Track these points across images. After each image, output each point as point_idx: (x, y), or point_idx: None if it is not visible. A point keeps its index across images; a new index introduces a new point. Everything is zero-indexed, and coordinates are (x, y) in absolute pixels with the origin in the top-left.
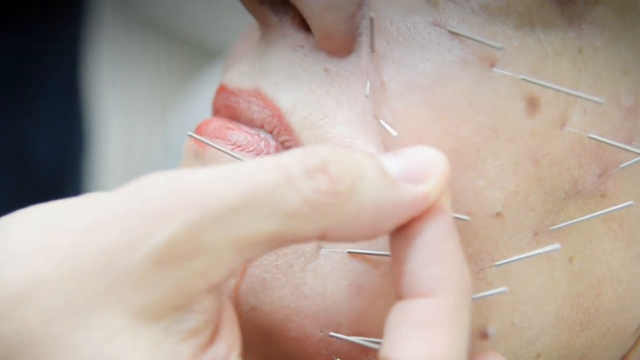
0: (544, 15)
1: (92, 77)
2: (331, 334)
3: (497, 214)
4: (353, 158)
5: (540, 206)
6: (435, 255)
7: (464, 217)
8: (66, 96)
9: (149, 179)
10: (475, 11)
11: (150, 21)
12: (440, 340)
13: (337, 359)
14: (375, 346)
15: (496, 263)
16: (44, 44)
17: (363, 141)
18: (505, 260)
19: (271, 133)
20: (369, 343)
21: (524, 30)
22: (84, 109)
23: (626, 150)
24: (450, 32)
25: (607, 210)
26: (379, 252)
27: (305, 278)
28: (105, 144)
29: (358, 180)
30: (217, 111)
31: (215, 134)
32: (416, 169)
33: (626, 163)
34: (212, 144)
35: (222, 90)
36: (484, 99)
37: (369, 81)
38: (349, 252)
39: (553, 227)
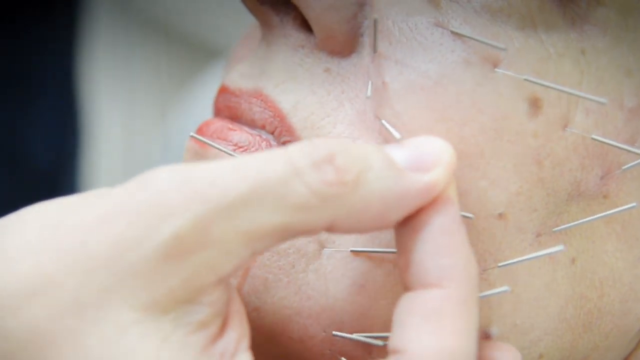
0: (546, 17)
1: (92, 78)
2: (334, 332)
3: (500, 215)
4: (359, 149)
5: (542, 207)
6: (443, 245)
7: (468, 215)
8: (63, 97)
9: (155, 173)
10: (477, 12)
11: (150, 21)
12: (451, 331)
13: (341, 358)
14: (379, 342)
15: (499, 264)
16: (41, 44)
17: (364, 141)
18: (509, 261)
19: (272, 134)
20: (372, 340)
21: (526, 31)
22: (80, 110)
23: (629, 151)
24: (452, 33)
25: (610, 212)
26: (382, 250)
27: (307, 278)
28: (105, 144)
29: (365, 170)
30: (219, 112)
31: (216, 135)
32: (422, 159)
33: (629, 165)
34: (214, 144)
35: (224, 91)
36: (486, 100)
37: (370, 82)
38: (352, 251)
39: (556, 229)
